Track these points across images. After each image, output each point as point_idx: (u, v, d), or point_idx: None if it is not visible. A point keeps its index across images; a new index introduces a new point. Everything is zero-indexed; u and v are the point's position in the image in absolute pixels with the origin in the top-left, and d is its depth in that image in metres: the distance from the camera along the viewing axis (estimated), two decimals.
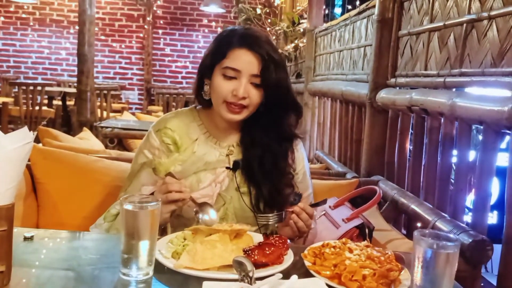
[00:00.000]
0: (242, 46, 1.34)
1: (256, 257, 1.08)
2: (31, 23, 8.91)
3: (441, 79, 1.90)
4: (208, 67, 1.41)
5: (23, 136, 0.95)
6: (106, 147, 3.65)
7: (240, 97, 1.34)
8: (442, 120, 1.88)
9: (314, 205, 1.39)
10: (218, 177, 1.46)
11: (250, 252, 1.09)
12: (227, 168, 1.46)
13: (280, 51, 5.51)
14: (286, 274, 1.03)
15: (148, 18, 8.98)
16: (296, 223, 1.31)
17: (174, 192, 1.29)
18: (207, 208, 1.32)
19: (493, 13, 1.60)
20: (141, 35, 9.11)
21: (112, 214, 1.45)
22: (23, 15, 8.87)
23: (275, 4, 6.71)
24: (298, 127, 1.55)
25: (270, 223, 1.37)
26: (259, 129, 1.45)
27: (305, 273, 1.08)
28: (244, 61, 1.34)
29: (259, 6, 6.20)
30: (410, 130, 2.26)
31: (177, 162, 1.44)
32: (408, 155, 2.30)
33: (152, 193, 1.40)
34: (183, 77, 9.36)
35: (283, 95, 1.39)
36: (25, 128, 0.97)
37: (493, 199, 2.53)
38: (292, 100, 1.43)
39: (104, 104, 6.35)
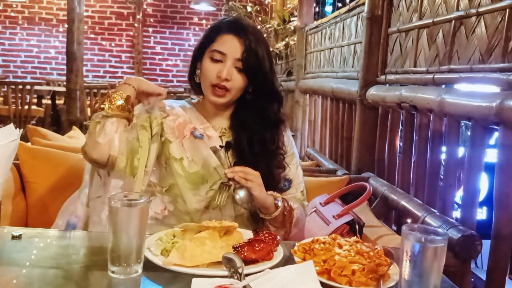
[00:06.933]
0: (229, 32, 1.45)
1: (245, 254, 1.07)
2: (20, 22, 8.83)
3: (430, 76, 1.91)
4: (199, 51, 1.50)
5: (9, 134, 0.94)
6: None
7: (223, 78, 1.42)
8: (431, 117, 1.89)
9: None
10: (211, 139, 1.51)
11: (239, 248, 1.09)
12: (220, 146, 1.50)
13: (271, 49, 5.52)
14: None
15: (138, 16, 8.93)
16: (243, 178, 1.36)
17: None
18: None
19: (481, 9, 1.62)
20: (131, 33, 9.07)
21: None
22: (12, 14, 8.79)
23: (266, 2, 6.71)
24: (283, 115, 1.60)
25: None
26: (246, 116, 1.52)
27: None
28: (230, 45, 1.43)
29: (250, 4, 6.21)
30: (400, 126, 2.28)
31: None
32: (398, 151, 2.31)
33: None
34: (173, 76, 9.32)
35: (263, 82, 1.48)
36: (11, 125, 0.96)
37: (483, 195, 2.55)
38: (272, 88, 1.51)
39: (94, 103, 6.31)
